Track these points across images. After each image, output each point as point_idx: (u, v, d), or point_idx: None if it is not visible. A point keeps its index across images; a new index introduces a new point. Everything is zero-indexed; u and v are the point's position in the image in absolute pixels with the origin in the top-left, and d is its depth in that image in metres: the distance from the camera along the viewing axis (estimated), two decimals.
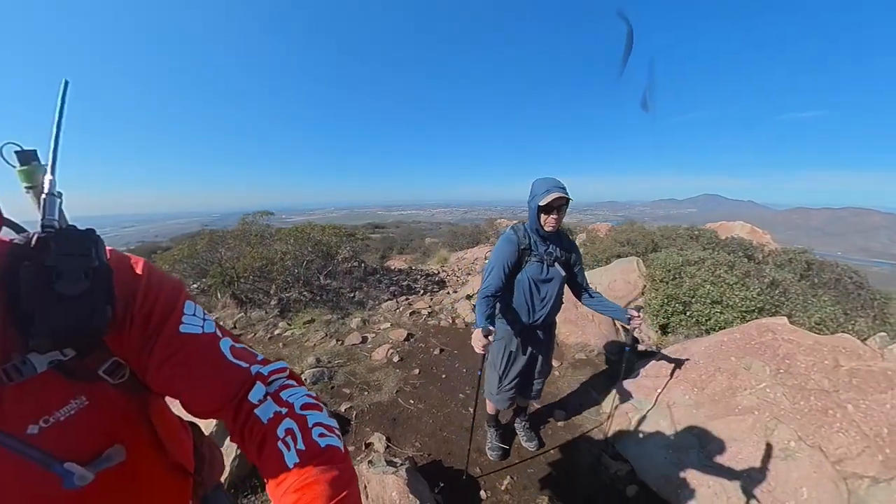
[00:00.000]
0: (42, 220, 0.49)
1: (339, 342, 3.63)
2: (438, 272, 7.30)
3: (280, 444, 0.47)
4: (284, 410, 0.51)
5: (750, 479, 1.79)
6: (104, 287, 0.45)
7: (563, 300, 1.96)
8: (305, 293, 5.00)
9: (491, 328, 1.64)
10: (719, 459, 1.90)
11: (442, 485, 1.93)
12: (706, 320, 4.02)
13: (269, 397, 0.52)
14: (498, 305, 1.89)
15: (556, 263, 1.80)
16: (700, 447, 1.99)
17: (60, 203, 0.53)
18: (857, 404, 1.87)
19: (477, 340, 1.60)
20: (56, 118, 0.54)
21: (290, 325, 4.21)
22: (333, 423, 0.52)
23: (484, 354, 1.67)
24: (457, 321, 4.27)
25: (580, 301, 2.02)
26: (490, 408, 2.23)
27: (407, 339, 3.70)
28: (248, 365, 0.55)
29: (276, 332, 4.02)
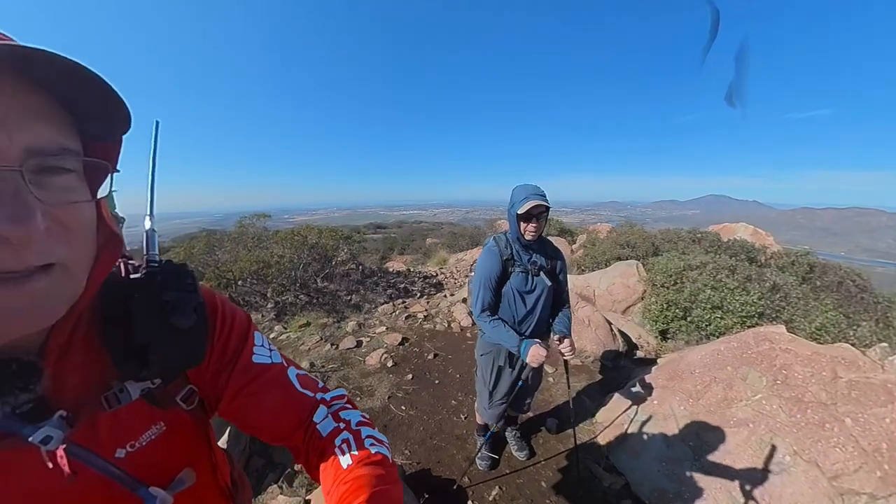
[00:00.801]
0: (147, 254, 0.52)
1: (334, 346, 3.61)
2: (436, 274, 7.27)
3: (337, 450, 0.53)
4: (342, 426, 0.57)
5: (744, 494, 1.75)
6: (204, 321, 0.50)
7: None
8: (302, 296, 4.98)
9: (539, 342, 1.66)
10: (714, 473, 1.86)
11: (427, 495, 1.90)
12: (706, 325, 3.97)
13: (329, 416, 0.58)
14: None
15: (541, 273, 1.74)
16: (694, 459, 1.95)
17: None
18: (856, 418, 1.83)
19: (535, 356, 1.62)
20: (151, 160, 0.56)
21: (286, 328, 4.19)
22: (384, 438, 0.59)
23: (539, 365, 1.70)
24: (452, 325, 4.23)
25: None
26: (479, 418, 2.20)
27: (401, 343, 3.68)
28: (313, 393, 0.60)
29: (272, 335, 4.00)
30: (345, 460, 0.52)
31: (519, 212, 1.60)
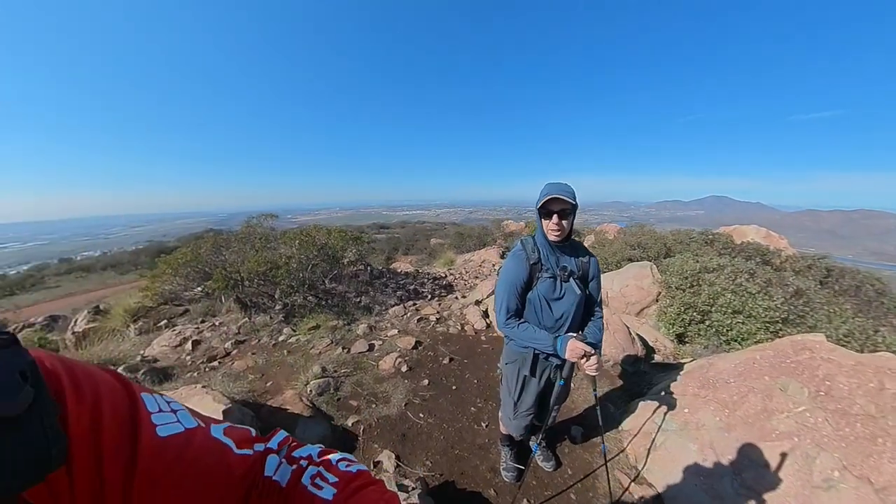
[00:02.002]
0: None
1: (346, 350, 3.52)
2: (445, 275, 7.18)
3: (311, 487, 0.44)
4: (304, 463, 0.47)
5: None
6: (45, 392, 0.28)
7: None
8: (311, 298, 4.90)
9: (576, 335, 1.56)
10: (756, 488, 1.76)
11: None
12: (727, 330, 3.86)
13: (283, 461, 0.47)
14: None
15: (570, 279, 1.62)
16: (734, 475, 1.84)
17: None
18: None
19: (574, 350, 1.50)
20: None
21: (294, 331, 4.11)
22: (355, 458, 0.50)
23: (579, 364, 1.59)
24: (466, 328, 4.14)
25: None
26: (503, 428, 2.11)
27: (415, 347, 3.59)
28: (251, 450, 0.46)
29: (281, 338, 3.92)
30: (326, 493, 0.43)
31: (538, 207, 1.52)
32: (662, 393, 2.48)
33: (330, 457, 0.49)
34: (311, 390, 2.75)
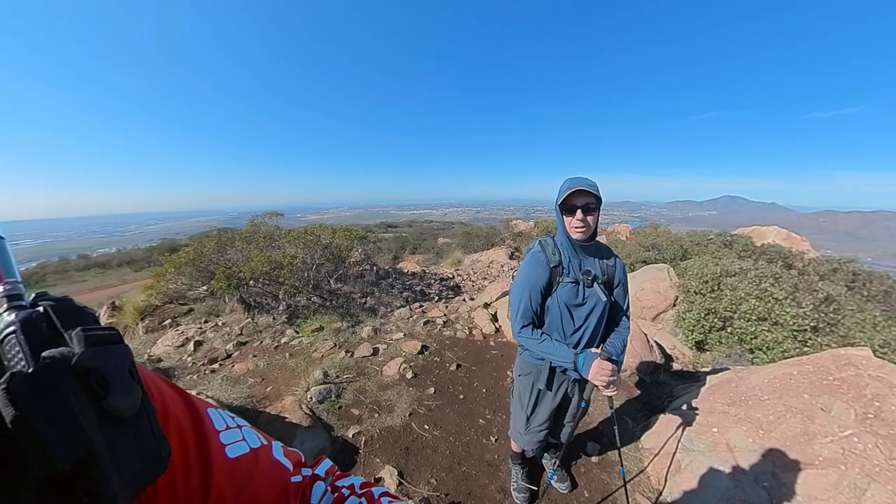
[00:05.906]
0: (2, 283, 0.25)
1: (349, 354, 3.40)
2: (453, 276, 7.03)
3: None
4: (346, 493, 0.47)
5: None
6: (146, 392, 0.27)
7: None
8: (315, 298, 4.80)
9: (601, 353, 1.42)
10: None
11: None
12: (751, 339, 3.64)
13: (328, 489, 0.48)
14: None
15: (595, 284, 1.47)
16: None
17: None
18: None
19: (600, 374, 1.35)
20: None
21: (297, 332, 4.00)
22: (397, 496, 0.50)
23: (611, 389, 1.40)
24: (474, 332, 3.99)
25: None
26: (514, 445, 1.96)
27: (421, 352, 3.45)
28: (301, 476, 0.46)
29: (283, 340, 3.82)
30: None
31: (559, 202, 1.37)
32: (686, 408, 2.30)
33: (373, 489, 0.49)
34: (311, 397, 2.63)
